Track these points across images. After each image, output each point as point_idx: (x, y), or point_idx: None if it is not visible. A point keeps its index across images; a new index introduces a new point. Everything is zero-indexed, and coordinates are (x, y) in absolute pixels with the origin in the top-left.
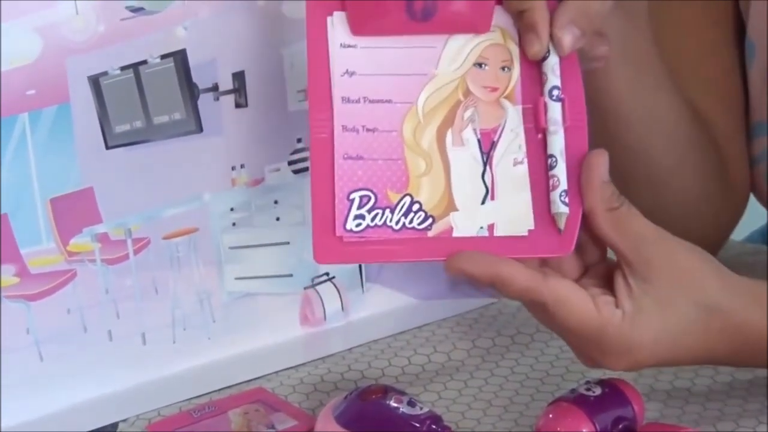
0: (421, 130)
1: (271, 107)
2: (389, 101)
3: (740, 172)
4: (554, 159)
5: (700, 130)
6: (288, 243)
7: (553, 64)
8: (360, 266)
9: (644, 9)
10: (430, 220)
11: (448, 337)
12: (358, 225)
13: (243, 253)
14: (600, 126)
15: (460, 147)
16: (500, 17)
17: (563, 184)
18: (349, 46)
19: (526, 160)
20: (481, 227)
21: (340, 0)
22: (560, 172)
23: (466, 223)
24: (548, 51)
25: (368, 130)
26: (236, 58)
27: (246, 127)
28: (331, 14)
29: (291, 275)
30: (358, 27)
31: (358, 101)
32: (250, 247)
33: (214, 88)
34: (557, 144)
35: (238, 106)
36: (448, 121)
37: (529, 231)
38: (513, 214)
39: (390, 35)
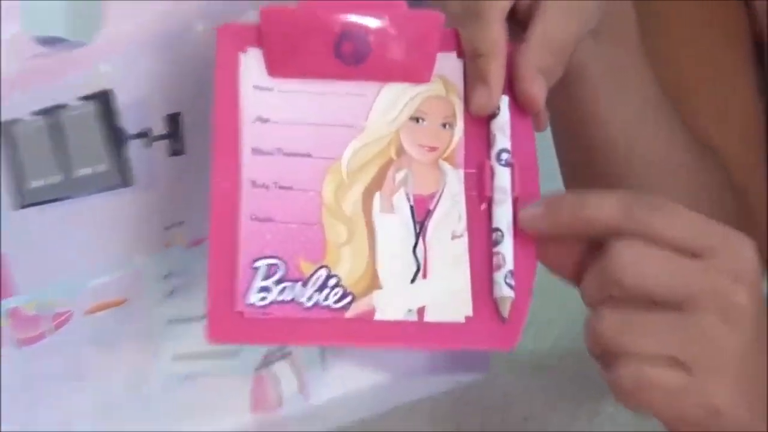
0: (344, 191)
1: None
2: (308, 155)
3: (763, 210)
4: (500, 233)
5: (712, 167)
6: None
7: (502, 122)
8: None
9: (633, 29)
10: (348, 298)
11: (427, 420)
12: (262, 299)
13: (183, 327)
14: (591, 165)
15: (389, 214)
16: (443, 65)
17: (509, 264)
18: (264, 88)
19: (466, 234)
20: (410, 310)
21: (257, 33)
22: (506, 249)
23: (392, 304)
24: (498, 108)
25: (281, 187)
26: (171, 97)
27: (184, 177)
28: (244, 50)
29: (239, 352)
30: (276, 67)
31: (271, 153)
32: (191, 321)
33: (145, 133)
34: (504, 216)
35: (174, 153)
36: (377, 183)
37: (467, 318)
38: (448, 296)
39: (313, 79)
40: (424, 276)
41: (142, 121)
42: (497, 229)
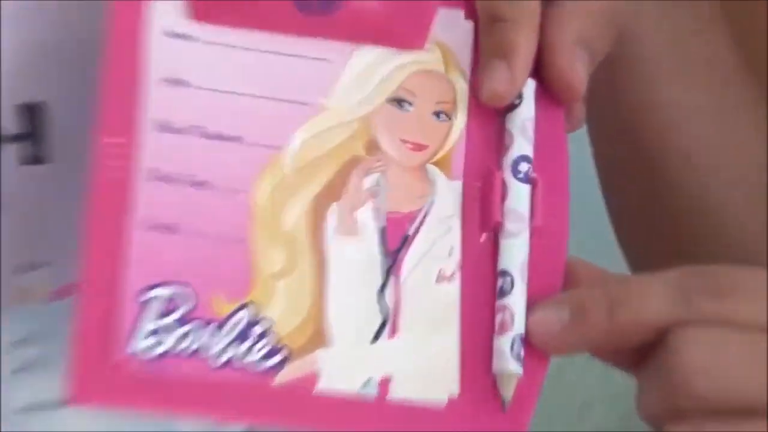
0: (286, 196)
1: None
2: (239, 140)
3: None
4: (509, 280)
5: None
6: None
7: (524, 118)
8: None
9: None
10: (280, 357)
11: None
12: (153, 347)
13: (43, 419)
14: (648, 181)
15: (349, 237)
16: (444, 27)
17: (518, 325)
18: (182, 36)
19: (459, 276)
20: (368, 381)
21: None
22: (516, 303)
23: (343, 370)
24: (520, 96)
25: (196, 183)
26: (29, 79)
27: (47, 196)
28: None
29: None
30: (201, 8)
31: (184, 131)
32: (54, 409)
33: None
34: (516, 254)
35: (32, 161)
36: (334, 190)
37: (450, 399)
38: (426, 365)
39: (257, 30)
40: (393, 333)
41: None
42: (505, 273)
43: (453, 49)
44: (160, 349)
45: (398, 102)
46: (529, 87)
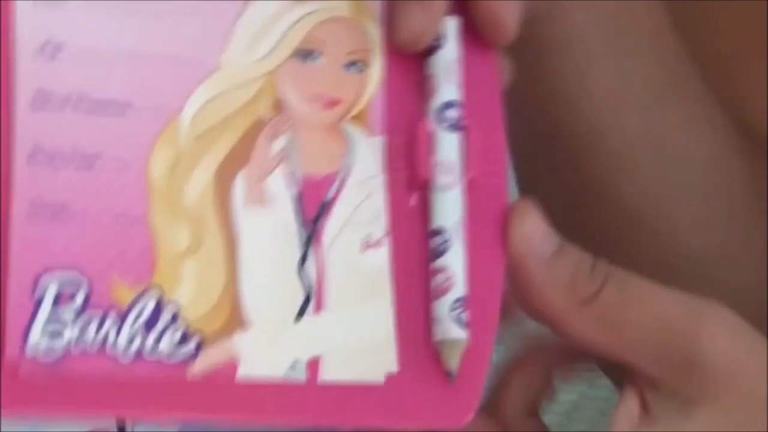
0: (186, 168)
1: None
2: (128, 106)
3: None
4: (443, 238)
5: (759, 170)
6: None
7: (448, 60)
8: None
9: None
10: (194, 343)
11: None
12: (50, 343)
13: None
14: (572, 164)
15: (259, 207)
16: None
17: (459, 286)
18: None
19: (388, 240)
20: (294, 363)
21: None
22: (454, 262)
23: (265, 353)
24: (441, 37)
25: (84, 158)
26: None
27: None
28: None
29: None
30: None
31: (66, 102)
32: None
33: None
34: (450, 210)
35: None
36: (240, 157)
37: (388, 376)
38: (358, 342)
39: None
40: (318, 309)
41: None
42: (439, 231)
43: None
44: (59, 346)
45: (305, 54)
46: (451, 26)
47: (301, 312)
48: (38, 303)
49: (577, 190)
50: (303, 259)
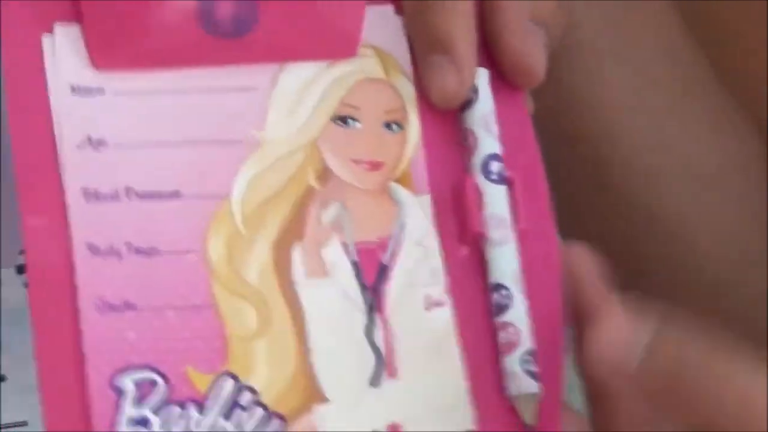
0: (243, 248)
1: None
2: (176, 195)
3: None
4: (505, 293)
5: None
6: (25, 424)
7: (484, 112)
8: None
9: None
10: (276, 424)
11: None
12: None
13: None
14: (591, 176)
15: (320, 279)
16: (375, 27)
17: (525, 340)
18: (90, 90)
19: (449, 299)
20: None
21: (69, 0)
22: (518, 317)
23: (347, 424)
24: (474, 90)
25: (140, 252)
26: None
27: None
28: (49, 30)
29: None
30: (104, 54)
31: (115, 197)
32: None
33: None
34: (507, 264)
35: None
36: (294, 230)
37: None
38: (434, 403)
39: (169, 68)
40: (391, 374)
41: None
42: (499, 286)
43: (389, 50)
44: None
45: (342, 120)
46: (482, 77)
47: (375, 379)
48: (120, 398)
49: (592, 196)
50: (369, 325)
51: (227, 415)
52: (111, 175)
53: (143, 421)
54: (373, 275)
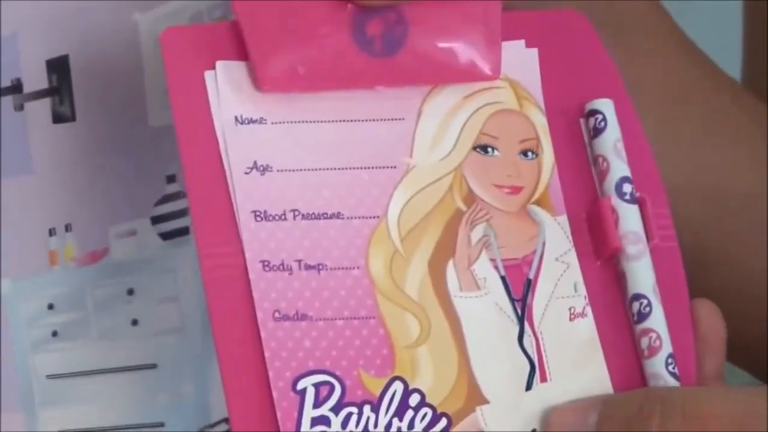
0: (401, 265)
1: (119, 121)
2: (338, 216)
3: None
4: (645, 303)
5: None
6: (155, 366)
7: (614, 140)
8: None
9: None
10: (444, 423)
11: None
12: None
13: (70, 386)
14: None
15: (473, 292)
16: (510, 62)
17: (667, 345)
18: (252, 121)
19: (590, 310)
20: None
21: (222, 34)
22: (658, 324)
23: (507, 423)
24: (603, 119)
25: (308, 267)
26: (53, 33)
27: (72, 156)
28: (211, 67)
29: (162, 425)
30: (267, 78)
31: (282, 218)
32: (83, 376)
33: (15, 87)
34: (645, 276)
35: (58, 119)
36: (446, 249)
37: None
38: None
39: (325, 87)
40: (543, 378)
41: (11, 69)
42: (639, 297)
43: (522, 82)
44: None
45: (483, 148)
46: (609, 107)
47: (530, 383)
48: (302, 400)
49: None
50: (521, 334)
51: (400, 416)
52: (277, 196)
53: (324, 421)
54: (520, 289)
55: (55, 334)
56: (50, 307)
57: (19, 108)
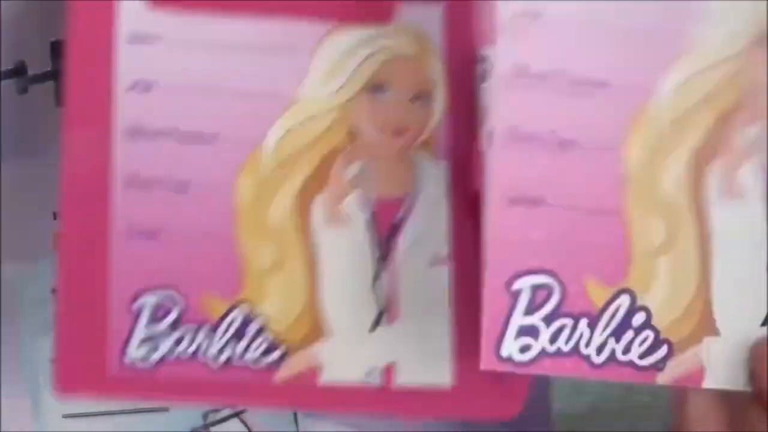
0: (269, 192)
1: None
2: (215, 138)
3: None
4: None
5: None
6: None
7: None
8: None
9: None
10: (279, 352)
11: None
12: (148, 354)
13: None
14: None
15: (337, 227)
16: (414, 12)
17: None
18: (146, 38)
19: (451, 259)
20: (371, 370)
21: None
22: None
23: (345, 360)
24: (486, 60)
25: (176, 186)
26: (58, 14)
27: None
28: None
29: (167, 409)
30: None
31: (158, 135)
32: None
33: (19, 70)
34: None
35: (62, 102)
36: (319, 181)
37: (452, 380)
38: (425, 350)
39: (222, 15)
40: (391, 320)
41: (14, 51)
42: None
43: (425, 32)
44: (156, 356)
45: (375, 89)
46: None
47: (376, 324)
48: (137, 318)
49: None
50: (376, 275)
51: (236, 339)
52: (156, 115)
53: (154, 338)
54: (387, 229)
55: None
56: (54, 291)
57: (23, 91)
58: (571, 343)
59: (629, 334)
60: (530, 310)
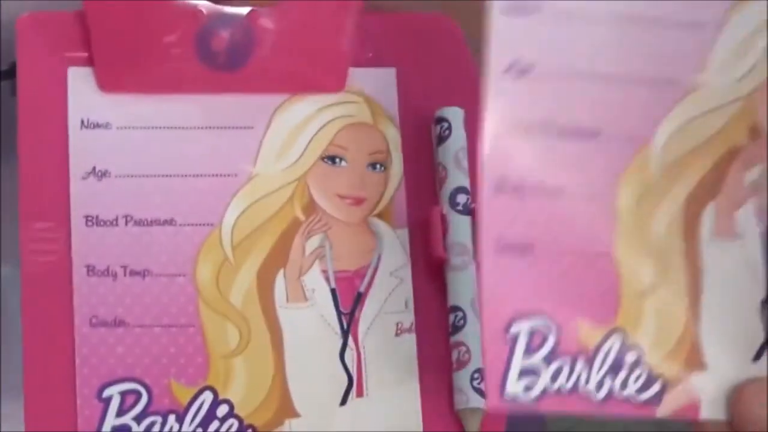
0: (230, 274)
1: None
2: (171, 223)
3: None
4: (459, 315)
5: None
6: None
7: (456, 149)
8: None
9: None
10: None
11: None
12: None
13: None
14: None
15: (300, 303)
16: (367, 80)
17: (475, 359)
18: (98, 125)
19: (416, 325)
20: None
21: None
22: (470, 337)
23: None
24: (449, 127)
25: (133, 273)
26: None
27: None
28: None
29: None
30: (111, 79)
31: (114, 223)
32: None
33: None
34: (465, 288)
35: None
36: (278, 257)
37: None
38: (397, 418)
39: (169, 94)
40: (360, 393)
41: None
42: (457, 309)
43: (377, 98)
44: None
45: (331, 159)
46: (457, 115)
47: (345, 399)
48: (105, 408)
49: None
50: (342, 349)
51: (205, 426)
52: (111, 202)
53: (125, 429)
54: (349, 302)
55: None
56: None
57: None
58: (572, 381)
59: (624, 372)
60: (529, 352)
